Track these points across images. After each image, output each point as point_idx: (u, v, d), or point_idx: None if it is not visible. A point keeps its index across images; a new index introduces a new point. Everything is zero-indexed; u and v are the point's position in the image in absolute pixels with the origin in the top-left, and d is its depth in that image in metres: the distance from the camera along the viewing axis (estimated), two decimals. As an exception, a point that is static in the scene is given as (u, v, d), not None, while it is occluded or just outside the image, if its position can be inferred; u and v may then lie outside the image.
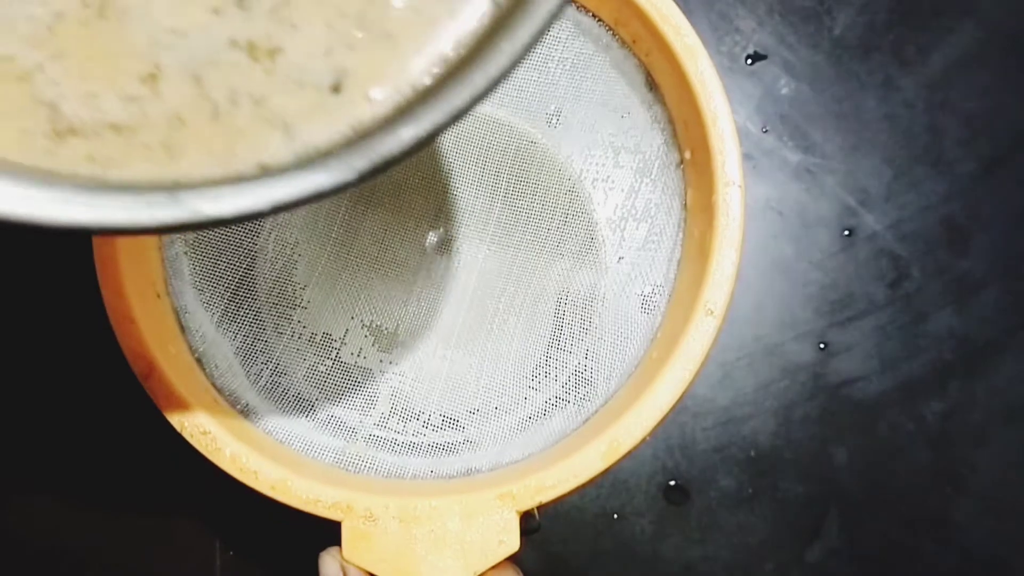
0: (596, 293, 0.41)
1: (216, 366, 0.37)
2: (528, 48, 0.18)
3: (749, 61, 0.48)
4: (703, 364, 0.34)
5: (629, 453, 0.34)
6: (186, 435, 0.34)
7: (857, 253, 0.45)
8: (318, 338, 0.41)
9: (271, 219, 0.41)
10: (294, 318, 0.41)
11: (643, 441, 0.34)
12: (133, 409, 0.34)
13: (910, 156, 0.46)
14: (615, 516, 0.45)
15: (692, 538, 0.44)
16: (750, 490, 0.44)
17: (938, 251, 0.45)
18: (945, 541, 0.43)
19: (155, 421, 0.34)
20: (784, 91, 0.47)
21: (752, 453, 0.44)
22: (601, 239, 0.41)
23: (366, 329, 0.42)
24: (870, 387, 0.44)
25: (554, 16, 0.18)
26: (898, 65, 0.47)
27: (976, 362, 0.45)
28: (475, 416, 0.40)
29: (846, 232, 0.45)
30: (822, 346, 0.45)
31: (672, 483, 0.45)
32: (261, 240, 0.41)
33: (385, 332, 0.42)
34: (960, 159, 0.46)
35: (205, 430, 0.34)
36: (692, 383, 0.34)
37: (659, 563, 0.44)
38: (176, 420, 0.34)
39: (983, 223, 0.45)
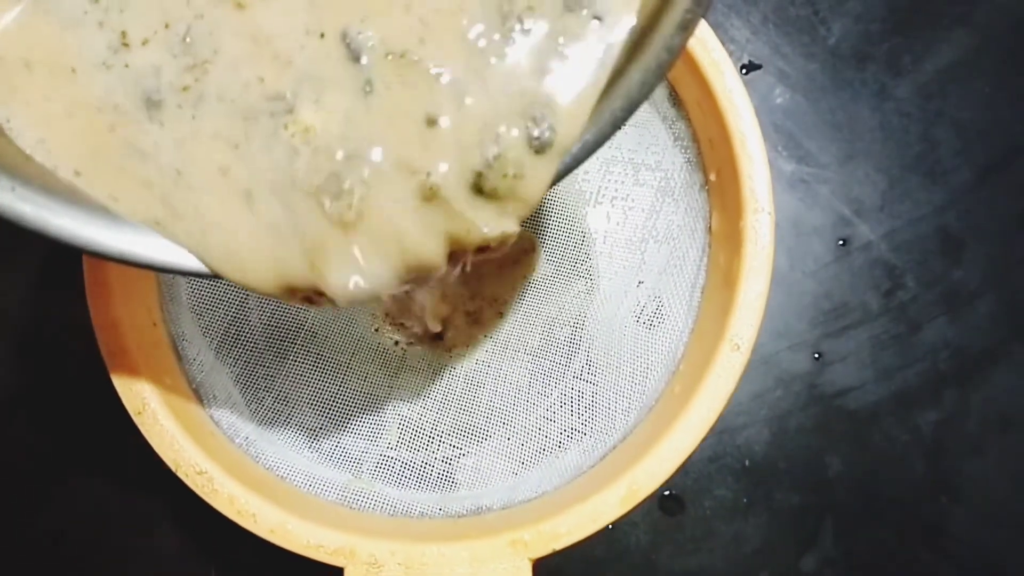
0: (614, 319, 0.39)
1: (214, 396, 0.35)
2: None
3: (744, 71, 0.48)
4: (728, 403, 0.32)
5: (648, 498, 0.32)
6: (181, 475, 0.32)
7: (851, 263, 0.45)
8: (323, 363, 0.39)
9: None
10: (297, 341, 0.39)
11: (662, 486, 0.32)
12: (127, 434, 0.33)
13: (904, 166, 0.46)
14: (610, 526, 0.43)
15: (687, 548, 0.43)
16: (745, 500, 0.43)
17: (932, 261, 0.45)
18: (940, 550, 0.43)
19: (149, 450, 0.32)
20: (779, 101, 0.47)
21: (747, 463, 0.44)
22: (620, 261, 0.39)
23: (374, 352, 0.40)
24: (865, 397, 0.44)
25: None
26: (892, 74, 0.46)
27: (970, 372, 0.44)
28: (487, 446, 0.38)
29: (840, 242, 0.45)
30: (816, 356, 0.44)
31: (667, 493, 0.44)
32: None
33: (394, 355, 0.40)
34: (954, 168, 0.46)
35: (201, 469, 0.32)
36: (716, 423, 0.32)
37: (654, 573, 0.44)
38: (171, 459, 0.32)
39: (977, 233, 0.45)
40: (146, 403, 0.32)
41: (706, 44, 0.33)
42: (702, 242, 0.36)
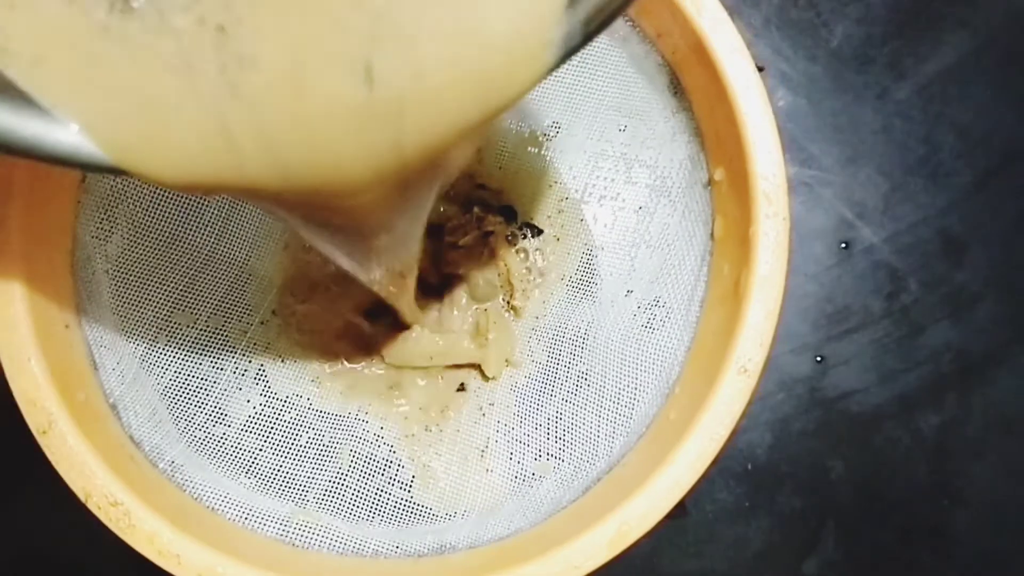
0: (599, 332, 0.34)
1: (135, 413, 0.30)
2: None
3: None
4: (734, 433, 0.28)
5: (641, 540, 0.28)
6: (92, 506, 0.27)
7: (854, 266, 0.45)
8: (267, 373, 0.35)
9: (220, 232, 0.34)
10: (238, 349, 0.34)
11: (658, 526, 0.28)
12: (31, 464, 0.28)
13: (906, 168, 0.46)
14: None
15: (689, 552, 0.43)
16: (747, 503, 0.43)
17: (935, 263, 0.45)
18: (942, 553, 0.43)
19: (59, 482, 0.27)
20: (781, 103, 0.46)
21: (749, 466, 0.43)
22: (606, 267, 0.35)
23: (326, 364, 0.36)
24: (867, 400, 0.44)
25: None
26: (895, 77, 0.46)
27: (973, 374, 0.44)
28: (451, 473, 0.34)
29: (843, 245, 0.45)
30: (819, 359, 0.44)
31: (669, 496, 0.42)
32: (203, 256, 0.34)
33: (349, 368, 0.36)
34: (956, 171, 0.46)
35: (116, 500, 0.27)
36: (720, 455, 0.28)
37: (656, 577, 0.42)
38: (80, 487, 0.27)
39: (979, 235, 0.45)
40: (52, 421, 0.27)
41: (718, 24, 0.29)
42: (702, 249, 0.32)
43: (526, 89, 0.20)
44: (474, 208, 0.36)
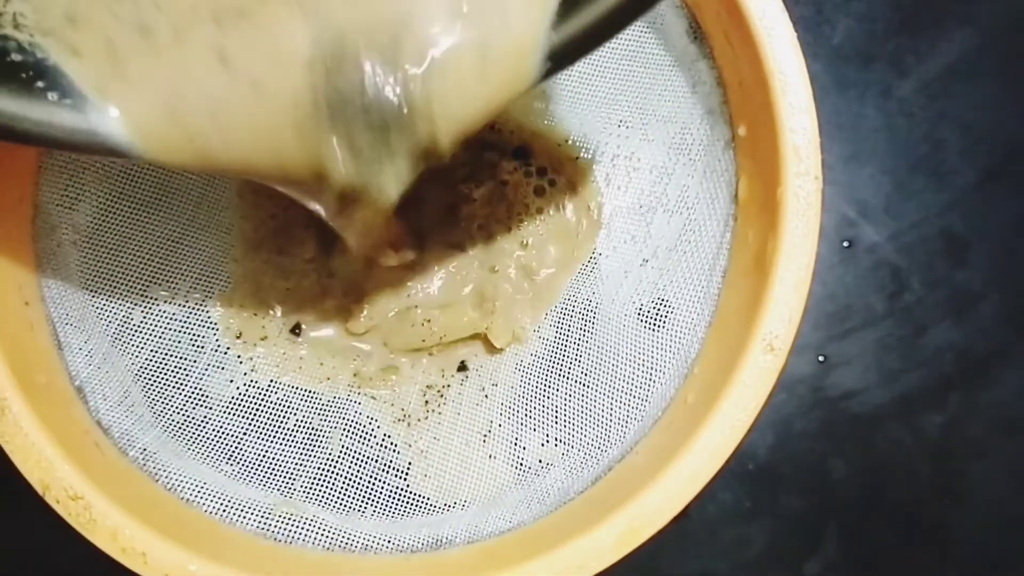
0: (611, 306, 0.31)
1: (104, 396, 0.28)
2: None
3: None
4: (758, 418, 0.26)
5: (653, 539, 0.25)
6: (51, 500, 0.25)
7: (856, 265, 0.44)
8: (251, 351, 0.32)
9: (198, 202, 0.32)
10: (221, 325, 0.32)
11: (672, 523, 0.25)
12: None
13: (909, 166, 0.45)
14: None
15: (690, 552, 0.42)
16: (748, 504, 0.43)
17: (937, 262, 0.44)
18: (944, 554, 0.42)
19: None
20: None
21: (750, 467, 0.43)
22: (619, 234, 0.32)
23: (316, 338, 0.33)
24: (869, 400, 0.43)
25: None
26: (897, 75, 0.46)
27: (975, 374, 0.44)
28: (451, 460, 0.31)
29: (845, 243, 0.44)
30: (821, 359, 0.43)
31: (670, 497, 0.41)
32: (183, 224, 0.32)
33: (339, 345, 0.33)
34: (959, 169, 0.45)
35: (76, 493, 0.25)
36: (742, 444, 0.25)
37: (657, 578, 0.42)
38: (37, 479, 0.25)
39: (982, 234, 0.45)
40: (7, 406, 0.25)
41: (742, -42, 0.26)
42: (725, 213, 0.29)
43: (511, 98, 0.22)
44: (485, 154, 0.33)
